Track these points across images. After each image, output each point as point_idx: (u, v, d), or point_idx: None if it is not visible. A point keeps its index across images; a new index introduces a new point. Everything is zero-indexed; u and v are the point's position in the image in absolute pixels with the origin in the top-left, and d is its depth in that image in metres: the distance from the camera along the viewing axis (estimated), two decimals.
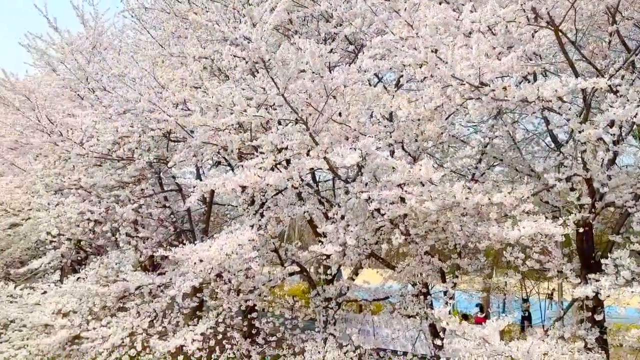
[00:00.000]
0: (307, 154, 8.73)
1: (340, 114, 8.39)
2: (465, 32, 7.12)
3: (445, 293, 9.60)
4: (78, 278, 11.49)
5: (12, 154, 14.81)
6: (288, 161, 9.79)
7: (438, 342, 8.94)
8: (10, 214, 14.97)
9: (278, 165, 9.00)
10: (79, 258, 17.10)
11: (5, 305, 11.66)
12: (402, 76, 9.98)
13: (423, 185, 7.18)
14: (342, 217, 8.99)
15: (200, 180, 9.70)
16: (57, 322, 10.98)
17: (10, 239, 16.75)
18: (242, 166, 8.81)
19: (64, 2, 14.12)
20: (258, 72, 9.00)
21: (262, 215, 10.88)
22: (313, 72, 7.92)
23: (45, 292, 11.73)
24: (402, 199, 7.69)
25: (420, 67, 7.11)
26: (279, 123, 8.88)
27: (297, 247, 11.86)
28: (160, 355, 10.18)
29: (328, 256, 10.24)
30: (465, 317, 16.82)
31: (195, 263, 9.87)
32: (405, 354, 9.98)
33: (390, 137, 8.38)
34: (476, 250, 9.26)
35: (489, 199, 6.90)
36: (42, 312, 11.17)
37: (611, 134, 7.34)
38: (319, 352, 9.23)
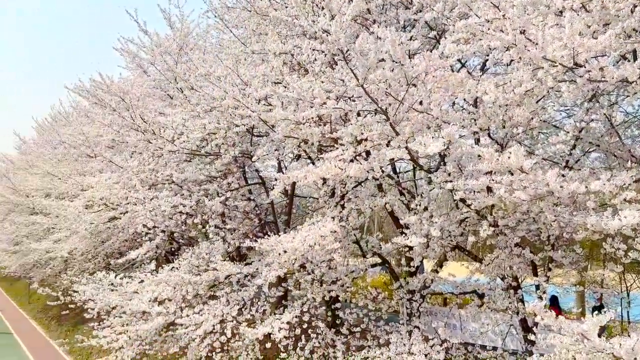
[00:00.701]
0: (388, 145, 8.64)
1: (421, 103, 8.20)
2: (556, 10, 6.68)
3: (537, 287, 9.12)
4: (172, 268, 12.17)
5: (110, 152, 15.93)
6: (368, 152, 9.73)
7: (531, 337, 8.53)
8: (109, 208, 16.13)
9: (358, 157, 8.99)
10: (172, 249, 18.14)
11: (107, 293, 12.61)
12: (487, 60, 9.60)
13: (512, 173, 6.84)
14: (425, 208, 8.82)
15: (282, 173, 9.89)
16: (154, 309, 11.71)
17: (110, 232, 18.09)
18: (323, 158, 8.90)
19: (152, 5, 14.90)
20: (337, 64, 9.02)
21: (342, 207, 10.93)
22: (393, 61, 7.79)
23: (142, 281, 12.55)
24: (490, 189, 7.39)
25: (507, 50, 6.76)
26: (358, 114, 8.84)
27: (378, 239, 11.79)
28: (249, 342, 10.56)
29: (410, 248, 10.08)
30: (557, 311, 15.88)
31: (279, 254, 10.14)
32: (494, 349, 9.62)
33: (475, 124, 8.07)
34: (571, 241, 8.72)
35: (586, 187, 6.44)
36: (140, 299, 11.95)
37: None
38: (404, 344, 9.14)
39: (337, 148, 9.00)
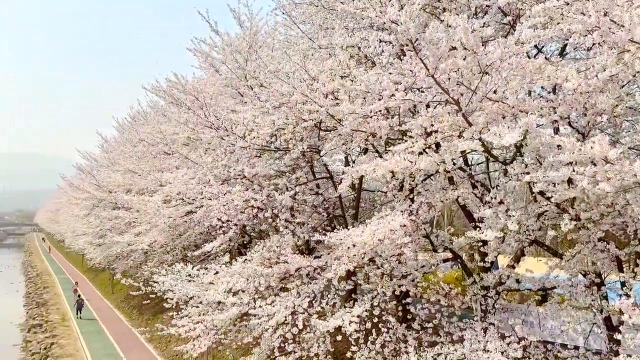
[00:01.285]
0: (459, 136, 8.40)
1: (495, 92, 7.91)
2: None
3: (622, 284, 8.56)
4: (245, 260, 12.54)
5: (186, 149, 16.59)
6: (438, 144, 9.52)
7: (616, 336, 8.03)
8: (186, 202, 16.83)
9: (427, 149, 8.82)
10: (244, 242, 18.68)
11: (185, 284, 13.18)
12: (566, 45, 9.10)
13: (595, 164, 6.45)
14: (501, 202, 8.51)
15: (350, 167, 9.90)
16: (229, 300, 12.12)
17: (186, 225, 18.87)
18: (391, 152, 8.80)
19: (222, 5, 15.29)
20: (405, 55, 8.87)
21: (412, 201, 10.78)
22: (465, 49, 7.57)
23: (217, 273, 13.01)
24: (571, 181, 7.02)
25: (589, 34, 6.37)
26: (428, 106, 8.67)
27: (450, 233, 11.52)
28: (320, 334, 10.69)
29: (484, 243, 9.78)
30: None
31: (348, 248, 10.16)
32: (576, 348, 9.13)
33: (555, 112, 7.67)
34: None
35: None
36: (215, 290, 12.40)
37: None
38: (478, 341, 8.90)
39: (406, 141, 8.87)
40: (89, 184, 31.34)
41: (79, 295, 30.66)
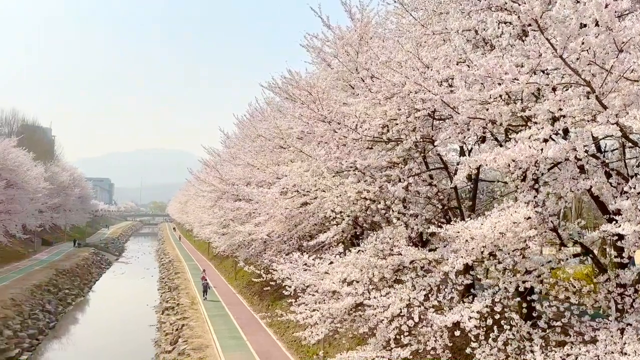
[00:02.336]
0: (592, 121, 7.69)
1: (633, 70, 7.11)
2: None
3: None
4: (358, 251, 12.66)
5: (300, 142, 17.12)
6: (566, 130, 8.77)
7: None
8: (301, 194, 17.41)
9: (555, 136, 8.18)
10: (356, 233, 18.86)
11: (301, 273, 13.65)
12: None
13: None
14: None
15: (465, 157, 9.51)
16: (343, 289, 12.33)
17: (302, 216, 19.51)
18: (513, 139, 8.30)
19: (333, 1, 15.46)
20: (527, 36, 8.29)
21: (537, 191, 10.09)
22: (598, 26, 6.89)
23: (331, 263, 13.30)
24: None
25: None
26: (554, 89, 8.03)
27: (580, 226, 10.62)
28: (437, 328, 10.47)
29: (620, 237, 8.88)
30: None
31: (466, 241, 9.80)
32: None
33: None
34: None
35: None
36: (330, 280, 12.69)
37: None
38: (614, 342, 8.11)
39: (530, 127, 8.31)
40: (213, 178, 33.54)
41: (206, 280, 33.14)
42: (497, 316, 9.95)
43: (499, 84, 8.39)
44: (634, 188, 7.68)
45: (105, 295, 44.09)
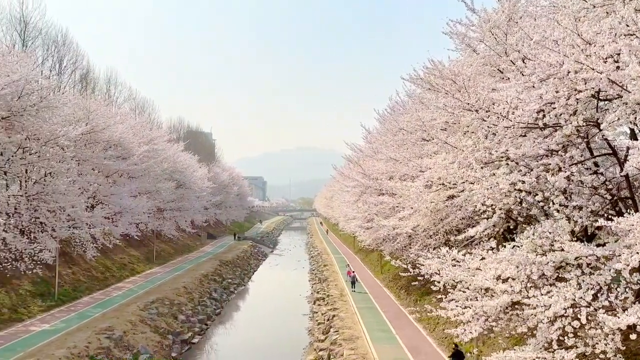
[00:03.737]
0: None
1: None
2: None
3: None
4: (513, 246, 11.89)
5: (444, 134, 16.62)
6: None
7: None
8: (447, 187, 16.88)
9: None
10: (509, 227, 17.76)
11: (451, 268, 13.23)
12: None
13: None
14: None
15: (638, 141, 8.39)
16: (498, 287, 11.68)
17: (448, 210, 18.92)
18: None
19: None
20: None
21: None
22: None
23: (483, 258, 12.68)
24: None
25: None
26: None
27: None
28: (608, 330, 9.44)
29: None
30: None
31: None
32: None
33: None
34: None
35: None
36: (483, 276, 12.11)
37: None
38: None
39: None
40: (356, 173, 34.22)
41: (352, 274, 33.95)
42: None
43: None
44: None
45: (263, 284, 47.53)
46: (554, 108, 10.92)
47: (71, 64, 45.03)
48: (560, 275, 11.40)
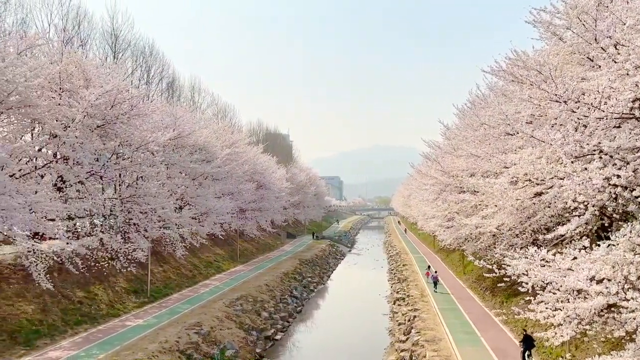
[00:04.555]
0: None
1: None
2: None
3: None
4: (609, 245, 11.14)
5: (530, 127, 15.84)
6: None
7: None
8: (533, 183, 16.08)
9: None
10: (603, 224, 16.62)
11: (539, 269, 12.60)
12: None
13: None
14: None
15: None
16: (592, 288, 10.98)
17: (535, 207, 18.02)
18: None
19: None
20: None
21: None
22: None
23: (575, 258, 11.96)
24: None
25: None
26: None
27: None
28: None
29: None
30: None
31: None
32: None
33: None
34: None
35: None
36: (575, 277, 11.43)
37: None
38: None
39: None
40: (435, 170, 33.47)
41: (433, 275, 33.27)
42: None
43: None
44: None
45: (342, 283, 47.83)
46: None
47: (158, 73, 47.94)
48: None
